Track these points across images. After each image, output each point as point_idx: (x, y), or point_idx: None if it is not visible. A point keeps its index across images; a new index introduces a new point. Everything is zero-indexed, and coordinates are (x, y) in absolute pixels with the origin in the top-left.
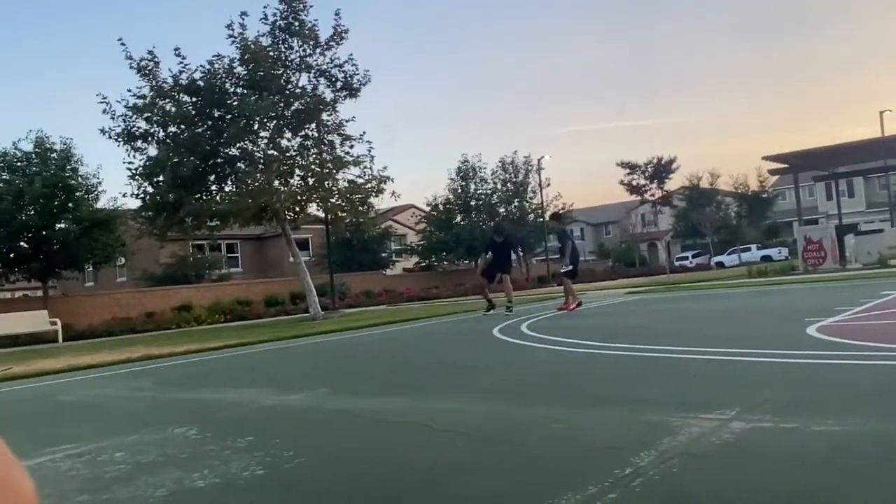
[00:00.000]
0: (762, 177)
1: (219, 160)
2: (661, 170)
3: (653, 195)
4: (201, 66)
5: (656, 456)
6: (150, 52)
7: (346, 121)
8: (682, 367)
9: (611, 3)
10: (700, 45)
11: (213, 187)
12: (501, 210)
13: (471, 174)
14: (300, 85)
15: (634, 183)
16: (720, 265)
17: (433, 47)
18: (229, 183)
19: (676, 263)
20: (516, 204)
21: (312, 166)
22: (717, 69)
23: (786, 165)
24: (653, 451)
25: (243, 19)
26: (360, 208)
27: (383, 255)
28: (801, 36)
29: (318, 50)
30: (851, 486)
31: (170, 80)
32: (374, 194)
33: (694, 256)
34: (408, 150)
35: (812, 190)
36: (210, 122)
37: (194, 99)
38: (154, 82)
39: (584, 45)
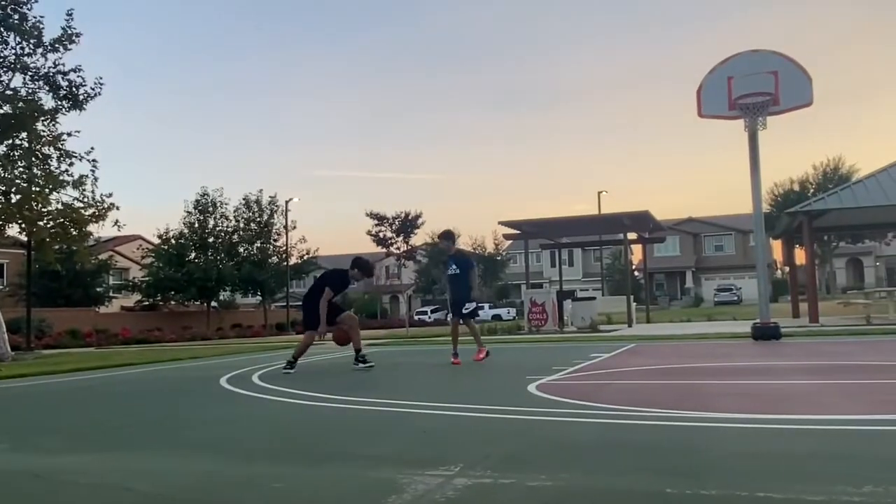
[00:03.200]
0: (497, 240)
1: None
2: (408, 224)
3: (398, 248)
4: None
5: None
6: None
7: (68, 134)
8: (415, 422)
9: (378, 55)
10: (451, 104)
11: None
12: (242, 250)
13: (210, 209)
14: (11, 86)
15: (382, 235)
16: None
17: (178, 68)
18: None
19: (416, 317)
20: (259, 245)
21: (18, 181)
22: (469, 128)
23: (518, 231)
24: None
25: None
26: (75, 235)
27: (99, 289)
28: (540, 112)
29: (39, 50)
30: None
31: None
32: (93, 221)
33: (433, 311)
34: (139, 176)
35: (539, 256)
36: None
37: None
38: None
39: (342, 90)
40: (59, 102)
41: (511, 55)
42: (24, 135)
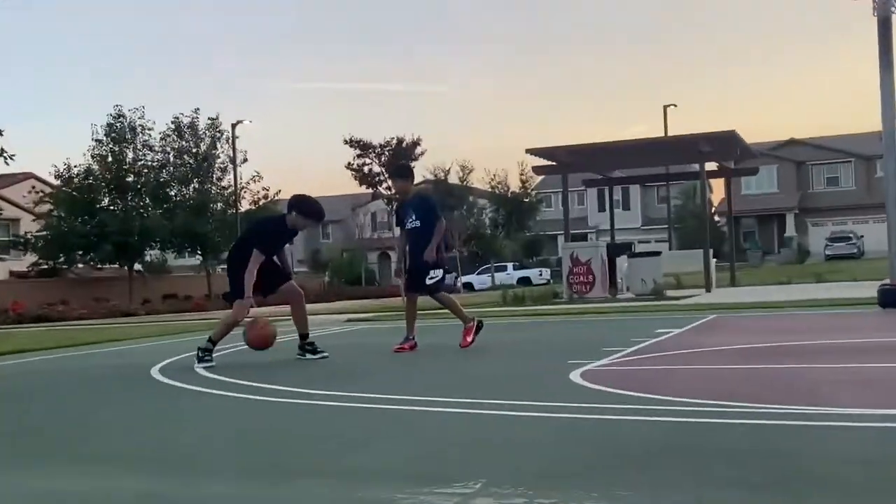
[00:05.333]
0: (526, 175)
1: None
2: (402, 154)
3: (389, 189)
4: None
5: None
6: None
7: None
8: (417, 423)
9: None
10: None
11: None
12: (173, 193)
13: (128, 136)
14: None
15: (367, 169)
16: (468, 287)
17: None
18: None
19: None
20: (197, 185)
21: None
22: (487, 22)
23: (553, 163)
24: None
25: None
26: None
27: None
28: (575, 5)
29: None
30: None
31: None
32: None
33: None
34: (30, 89)
35: (583, 197)
36: None
37: None
38: None
39: None
40: None
41: None
42: None
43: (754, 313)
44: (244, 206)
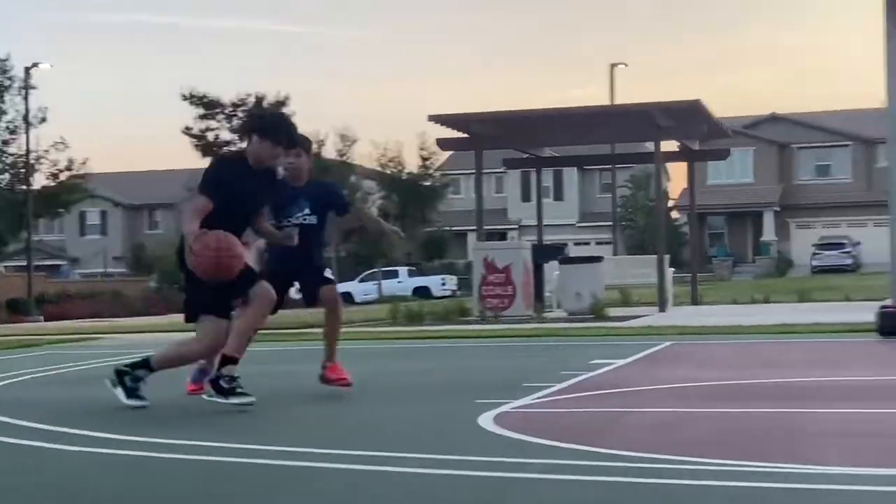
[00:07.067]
0: (427, 151)
1: None
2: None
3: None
4: None
5: None
6: None
7: None
8: (260, 479)
9: None
10: None
11: None
12: None
13: None
14: None
15: (212, 136)
16: (347, 299)
17: None
18: None
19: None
20: None
21: None
22: None
23: (464, 136)
24: None
25: None
26: None
27: None
28: None
29: None
30: None
31: None
32: None
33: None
34: None
35: (502, 182)
36: None
37: None
38: None
39: None
40: None
41: None
42: None
43: (721, 340)
44: (41, 181)
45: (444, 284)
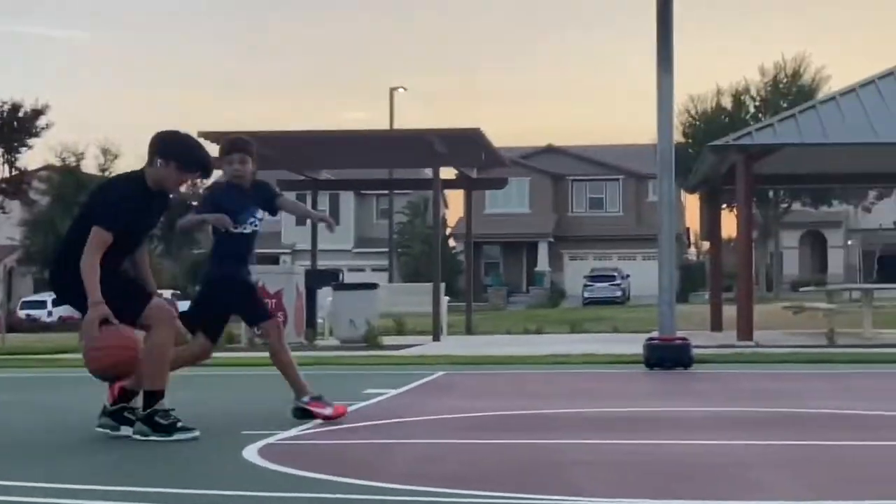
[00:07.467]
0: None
1: None
2: (18, 127)
3: None
4: None
5: None
6: None
7: None
8: None
9: None
10: None
11: None
12: None
13: None
14: None
15: None
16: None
17: None
18: None
19: (22, 313)
20: None
21: None
22: None
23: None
24: None
25: None
26: None
27: None
28: None
29: None
30: None
31: None
32: None
33: (55, 304)
34: None
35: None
36: None
37: None
38: None
39: None
40: None
41: None
42: None
43: (493, 370)
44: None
45: None
